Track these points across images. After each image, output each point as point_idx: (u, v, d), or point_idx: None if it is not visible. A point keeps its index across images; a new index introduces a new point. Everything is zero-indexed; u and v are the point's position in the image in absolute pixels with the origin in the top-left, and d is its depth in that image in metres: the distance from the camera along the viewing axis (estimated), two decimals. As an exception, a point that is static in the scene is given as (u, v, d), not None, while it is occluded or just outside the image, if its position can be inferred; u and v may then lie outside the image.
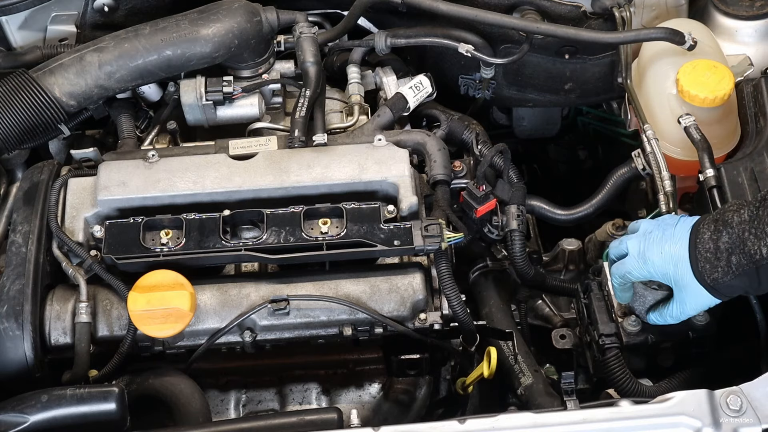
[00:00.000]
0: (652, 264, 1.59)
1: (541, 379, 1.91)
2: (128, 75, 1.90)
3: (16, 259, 1.73)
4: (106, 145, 2.06)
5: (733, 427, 1.39)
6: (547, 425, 1.43)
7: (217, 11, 1.94)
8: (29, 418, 1.52)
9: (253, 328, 1.75)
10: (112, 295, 1.74)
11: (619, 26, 2.08)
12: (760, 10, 2.07)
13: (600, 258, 2.05)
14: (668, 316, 1.65)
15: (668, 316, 1.65)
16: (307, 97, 1.95)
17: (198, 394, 1.70)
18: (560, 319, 2.09)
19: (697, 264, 1.53)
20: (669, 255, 1.56)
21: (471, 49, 2.04)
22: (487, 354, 1.76)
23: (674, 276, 1.57)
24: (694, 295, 1.56)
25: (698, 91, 1.84)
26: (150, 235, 1.74)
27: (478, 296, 2.06)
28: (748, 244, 1.45)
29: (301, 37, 2.03)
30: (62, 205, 1.81)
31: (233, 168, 1.83)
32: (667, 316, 1.65)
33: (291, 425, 1.55)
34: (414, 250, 1.72)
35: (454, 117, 2.07)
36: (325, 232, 1.73)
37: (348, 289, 1.75)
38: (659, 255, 1.57)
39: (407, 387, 1.90)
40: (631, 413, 1.43)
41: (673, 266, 1.56)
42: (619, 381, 1.73)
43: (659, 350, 1.79)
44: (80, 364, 1.68)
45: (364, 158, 1.84)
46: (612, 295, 1.78)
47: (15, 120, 1.84)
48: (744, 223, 1.47)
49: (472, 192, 1.89)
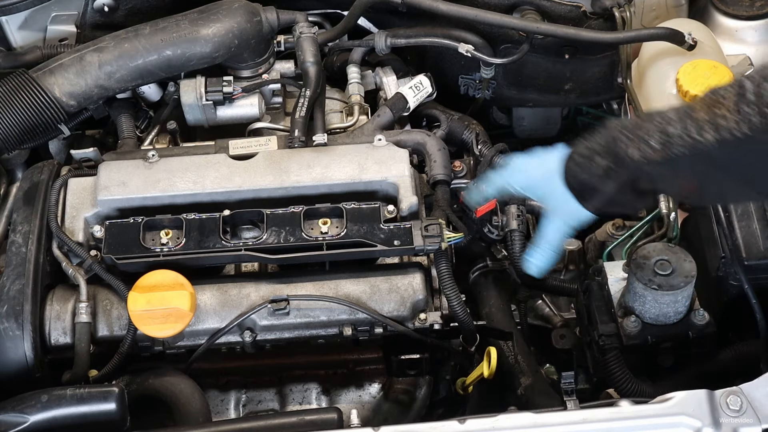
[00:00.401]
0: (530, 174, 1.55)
1: (541, 379, 1.91)
2: (128, 75, 1.91)
3: (16, 259, 1.73)
4: (106, 145, 2.06)
5: (733, 427, 1.39)
6: (547, 425, 1.42)
7: (217, 11, 1.94)
8: (29, 418, 1.52)
9: (253, 328, 1.75)
10: (112, 295, 1.74)
11: (619, 26, 2.08)
12: (760, 10, 2.07)
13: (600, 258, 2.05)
14: (543, 245, 1.56)
15: (543, 245, 1.56)
16: (307, 97, 1.95)
17: (198, 394, 1.70)
18: (560, 319, 2.09)
19: (566, 166, 1.47)
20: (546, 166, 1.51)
21: (471, 49, 2.04)
22: (487, 354, 1.76)
23: (546, 184, 1.51)
24: (560, 203, 1.50)
25: (698, 91, 1.84)
26: (150, 235, 1.74)
27: (478, 296, 2.06)
28: (619, 145, 1.37)
29: (301, 37, 2.03)
30: (62, 205, 1.81)
31: (233, 168, 1.83)
32: (542, 246, 1.57)
33: (291, 425, 1.55)
34: (414, 250, 1.72)
35: (454, 117, 2.07)
36: (325, 232, 1.73)
37: (348, 289, 1.75)
38: (537, 166, 1.53)
39: (407, 387, 1.90)
40: (631, 413, 1.43)
41: (547, 175, 1.50)
42: (619, 381, 1.73)
43: (659, 350, 1.78)
44: (80, 364, 1.68)
45: (364, 158, 1.84)
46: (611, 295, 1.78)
47: (15, 120, 1.84)
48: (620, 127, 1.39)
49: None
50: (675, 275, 1.70)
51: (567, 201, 1.49)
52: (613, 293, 1.81)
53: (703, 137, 1.26)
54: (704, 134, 1.26)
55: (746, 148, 1.24)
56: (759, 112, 1.20)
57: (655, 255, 1.73)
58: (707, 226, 1.81)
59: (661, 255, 1.73)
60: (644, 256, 1.73)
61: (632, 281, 1.73)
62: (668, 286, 1.69)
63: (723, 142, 1.24)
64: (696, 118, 1.27)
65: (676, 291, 1.70)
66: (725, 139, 1.24)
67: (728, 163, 1.28)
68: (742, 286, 1.73)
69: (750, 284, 1.72)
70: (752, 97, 1.21)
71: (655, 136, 1.32)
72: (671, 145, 1.30)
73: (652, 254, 1.73)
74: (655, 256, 1.72)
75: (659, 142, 1.32)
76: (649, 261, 1.72)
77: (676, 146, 1.29)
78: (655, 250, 1.74)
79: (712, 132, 1.25)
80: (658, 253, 1.73)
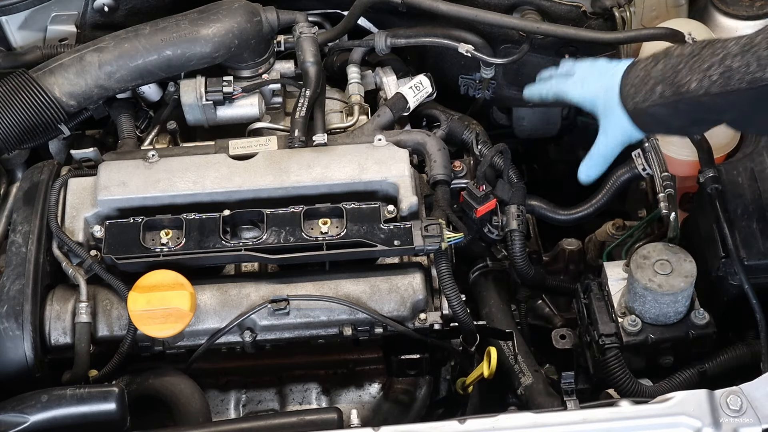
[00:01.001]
0: (588, 88, 1.59)
1: (541, 379, 1.91)
2: (128, 75, 1.90)
3: (16, 259, 1.73)
4: (106, 145, 2.06)
5: (733, 427, 1.39)
6: (547, 425, 1.43)
7: (217, 11, 1.94)
8: (29, 418, 1.53)
9: (253, 328, 1.75)
10: (112, 295, 1.74)
11: (619, 26, 2.08)
12: (760, 10, 2.07)
13: (600, 258, 2.05)
14: (595, 157, 1.62)
15: (594, 156, 1.62)
16: (307, 97, 1.95)
17: (198, 394, 1.70)
18: (560, 319, 2.09)
19: (623, 88, 1.52)
20: (604, 82, 1.56)
21: (471, 49, 2.04)
22: (487, 354, 1.76)
23: (603, 101, 1.56)
24: (615, 121, 1.54)
25: (698, 91, 1.84)
26: (150, 235, 1.74)
27: (478, 296, 2.06)
28: (679, 75, 1.43)
29: (301, 37, 2.03)
30: (62, 205, 1.81)
31: (233, 168, 1.83)
32: (593, 157, 1.63)
33: (291, 425, 1.55)
34: (414, 250, 1.72)
35: (454, 117, 2.08)
36: (325, 232, 1.73)
37: (348, 289, 1.75)
38: (597, 81, 1.58)
39: (407, 387, 1.90)
40: (631, 413, 1.43)
41: (604, 92, 1.56)
42: (619, 381, 1.73)
43: (659, 350, 1.79)
44: (80, 364, 1.68)
45: (364, 158, 1.84)
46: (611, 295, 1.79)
47: (15, 120, 1.84)
48: (683, 56, 1.45)
49: (472, 192, 1.89)
50: (675, 275, 1.71)
51: (622, 120, 1.52)
52: (613, 293, 1.81)
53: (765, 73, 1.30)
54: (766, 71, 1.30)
55: None
56: None
57: (655, 255, 1.73)
58: (707, 226, 1.81)
59: (661, 255, 1.73)
60: (644, 256, 1.73)
61: (632, 281, 1.73)
62: (668, 286, 1.70)
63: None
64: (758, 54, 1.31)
65: (676, 291, 1.70)
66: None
67: None
68: (742, 286, 1.73)
69: (750, 284, 1.72)
70: None
71: (715, 69, 1.36)
72: (731, 78, 1.34)
73: (652, 254, 1.73)
74: (655, 256, 1.73)
75: (720, 75, 1.35)
76: (649, 261, 1.72)
77: (736, 80, 1.34)
78: (655, 250, 1.74)
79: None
80: (658, 253, 1.73)
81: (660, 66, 1.47)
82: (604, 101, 1.56)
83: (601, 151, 1.61)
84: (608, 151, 1.61)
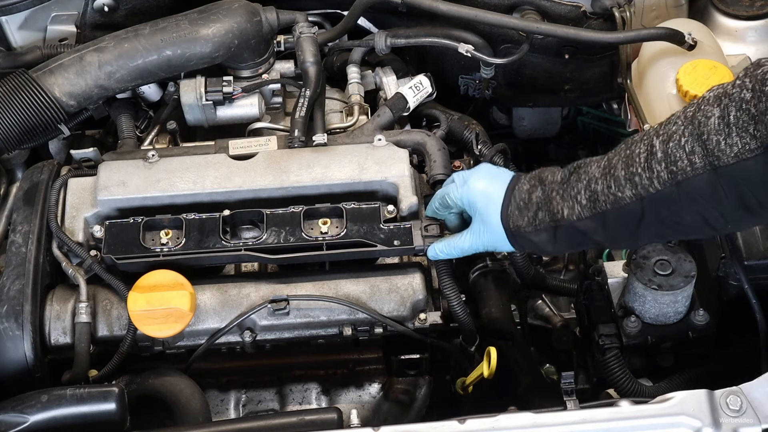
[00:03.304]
0: (469, 191, 1.62)
1: (541, 379, 1.91)
2: (128, 75, 1.90)
3: (16, 259, 1.73)
4: (106, 145, 2.06)
5: (733, 427, 1.39)
6: (547, 425, 1.42)
7: (217, 11, 1.94)
8: (29, 418, 1.52)
9: (253, 328, 1.75)
10: (112, 295, 1.74)
11: (619, 26, 2.08)
12: (760, 10, 2.07)
13: (600, 258, 2.05)
14: (454, 247, 1.66)
15: (454, 246, 1.66)
16: (307, 97, 1.95)
17: (198, 394, 1.70)
18: (560, 319, 2.09)
19: (507, 207, 1.56)
20: (487, 190, 1.60)
21: (471, 49, 2.04)
22: (487, 354, 1.76)
23: (482, 209, 1.60)
24: (491, 233, 1.59)
25: (698, 91, 1.84)
26: (150, 235, 1.74)
27: (478, 296, 2.06)
28: (553, 203, 1.50)
29: (301, 37, 2.03)
30: (62, 205, 1.81)
31: (233, 168, 1.83)
32: (453, 247, 1.66)
33: (291, 425, 1.55)
34: (414, 250, 1.72)
35: (454, 117, 2.07)
36: (325, 232, 1.73)
37: (348, 289, 1.75)
38: (479, 186, 1.61)
39: (407, 387, 1.90)
40: (631, 413, 1.43)
41: (485, 200, 1.59)
42: (619, 381, 1.73)
43: (659, 350, 1.79)
44: (80, 364, 1.68)
45: (364, 158, 1.84)
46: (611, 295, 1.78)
47: (15, 120, 1.84)
48: (555, 183, 1.52)
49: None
50: (675, 275, 1.71)
51: (497, 233, 1.59)
52: (613, 293, 1.81)
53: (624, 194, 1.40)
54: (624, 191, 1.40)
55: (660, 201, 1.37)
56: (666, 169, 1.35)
57: (655, 255, 1.73)
58: (707, 226, 1.80)
59: (661, 255, 1.73)
60: (644, 256, 1.73)
61: (632, 281, 1.73)
62: (668, 286, 1.70)
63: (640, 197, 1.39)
64: (615, 175, 1.41)
65: (676, 291, 1.70)
66: (641, 195, 1.38)
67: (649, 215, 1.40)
68: (742, 286, 1.73)
69: (750, 284, 1.72)
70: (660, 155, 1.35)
71: (583, 194, 1.46)
72: (597, 201, 1.44)
73: (652, 254, 1.73)
74: (655, 256, 1.73)
75: (587, 199, 1.45)
76: (649, 261, 1.72)
77: (601, 202, 1.43)
78: (655, 250, 1.74)
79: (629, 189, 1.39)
80: (658, 253, 1.73)
81: (539, 193, 1.53)
82: (482, 209, 1.60)
83: (464, 247, 1.65)
84: (469, 250, 1.66)
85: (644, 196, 1.38)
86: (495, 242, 1.61)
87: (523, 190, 1.56)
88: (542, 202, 1.52)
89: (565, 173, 1.52)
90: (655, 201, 1.38)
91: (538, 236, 1.53)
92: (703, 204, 1.35)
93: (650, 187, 1.37)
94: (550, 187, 1.52)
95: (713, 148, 1.30)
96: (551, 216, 1.50)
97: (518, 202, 1.55)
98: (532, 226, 1.53)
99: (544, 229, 1.52)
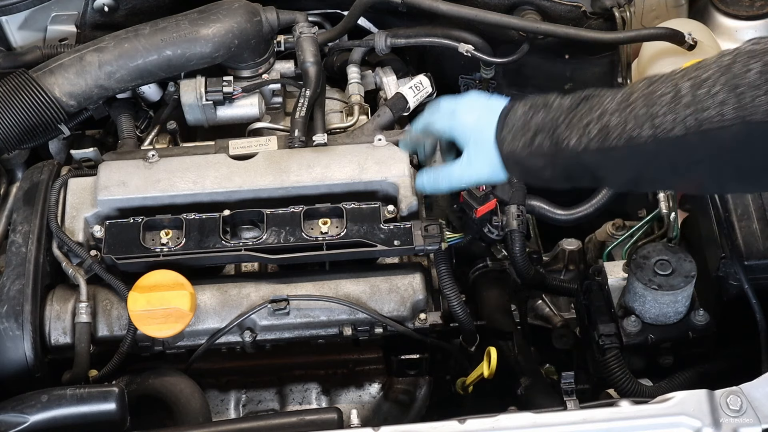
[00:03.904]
0: (458, 120, 1.54)
1: (541, 379, 1.90)
2: (128, 75, 1.90)
3: (16, 259, 1.73)
4: (106, 145, 2.06)
5: (733, 427, 1.39)
6: (547, 425, 1.42)
7: (217, 11, 1.94)
8: (29, 418, 1.52)
9: (253, 328, 1.75)
10: (112, 295, 1.74)
11: (619, 26, 2.08)
12: (760, 10, 2.07)
13: (600, 258, 2.05)
14: (443, 178, 1.59)
15: (443, 177, 1.58)
16: (307, 97, 1.95)
17: (198, 394, 1.70)
18: (560, 319, 2.09)
19: (500, 131, 1.47)
20: (478, 119, 1.51)
21: (471, 49, 2.04)
22: (487, 354, 1.76)
23: (475, 135, 1.51)
24: (484, 160, 1.50)
25: (698, 91, 1.83)
26: (150, 235, 1.74)
27: (478, 296, 2.06)
28: (559, 129, 1.40)
29: (301, 37, 2.03)
30: (62, 205, 1.81)
31: (233, 168, 1.83)
32: (441, 178, 1.58)
33: (291, 425, 1.55)
34: (414, 250, 1.72)
35: (455, 117, 2.07)
36: (325, 232, 1.73)
37: (348, 289, 1.75)
38: (469, 120, 1.53)
39: (407, 387, 1.90)
40: (631, 413, 1.43)
41: (476, 126, 1.51)
42: (619, 381, 1.73)
43: (659, 350, 1.79)
44: (80, 364, 1.68)
45: (364, 158, 1.84)
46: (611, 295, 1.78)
47: (15, 120, 1.84)
48: (562, 108, 1.42)
49: (472, 192, 1.88)
50: (675, 275, 1.71)
51: (492, 159, 1.49)
52: (613, 293, 1.81)
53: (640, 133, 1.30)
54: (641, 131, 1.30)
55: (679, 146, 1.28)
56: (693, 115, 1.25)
57: (655, 255, 1.73)
58: (707, 226, 1.81)
59: (661, 255, 1.73)
60: (644, 256, 1.73)
61: (632, 281, 1.73)
62: (668, 286, 1.70)
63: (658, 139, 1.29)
64: (636, 113, 1.31)
65: (676, 291, 1.70)
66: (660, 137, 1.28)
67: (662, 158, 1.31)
68: (742, 286, 1.73)
69: (750, 284, 1.72)
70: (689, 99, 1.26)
71: (594, 125, 1.36)
72: (609, 136, 1.34)
73: (652, 254, 1.73)
74: (655, 256, 1.72)
75: (598, 131, 1.35)
76: (649, 261, 1.72)
77: (613, 138, 1.33)
78: (655, 250, 1.74)
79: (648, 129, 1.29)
80: (658, 253, 1.73)
81: (540, 116, 1.44)
82: (475, 136, 1.51)
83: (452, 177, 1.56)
84: (458, 182, 1.57)
85: (663, 138, 1.29)
86: (491, 171, 1.50)
87: (519, 113, 1.47)
88: (543, 126, 1.42)
89: (574, 100, 1.42)
90: (675, 145, 1.29)
91: (534, 160, 1.43)
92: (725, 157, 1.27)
93: (672, 131, 1.28)
94: (557, 111, 1.42)
95: (748, 102, 1.22)
96: (553, 141, 1.41)
97: (512, 125, 1.46)
98: (527, 150, 1.43)
99: (541, 154, 1.42)
